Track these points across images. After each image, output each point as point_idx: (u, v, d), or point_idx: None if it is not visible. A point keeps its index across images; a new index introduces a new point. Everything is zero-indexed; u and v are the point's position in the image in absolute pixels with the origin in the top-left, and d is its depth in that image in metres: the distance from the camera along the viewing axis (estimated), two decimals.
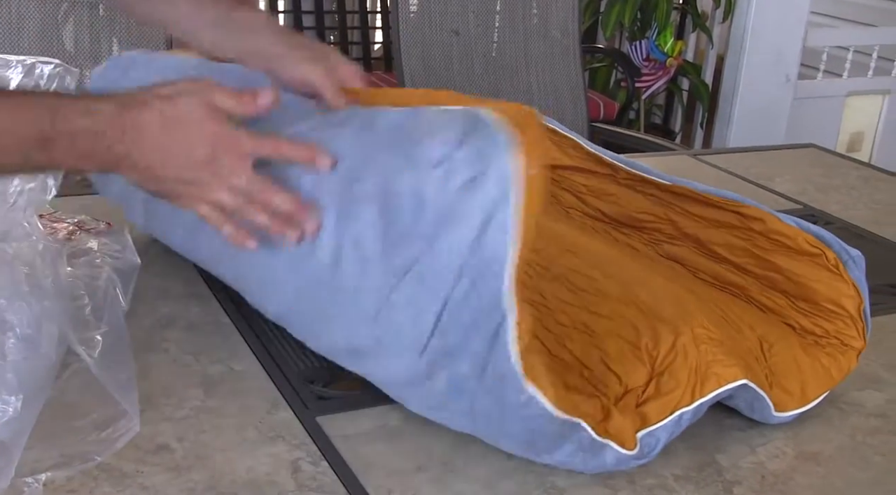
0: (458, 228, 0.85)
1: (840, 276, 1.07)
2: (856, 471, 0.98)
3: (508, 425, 0.91)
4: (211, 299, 1.21)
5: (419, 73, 2.83)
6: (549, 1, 3.00)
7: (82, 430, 0.93)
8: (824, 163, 2.07)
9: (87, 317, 1.03)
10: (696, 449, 0.98)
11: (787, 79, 4.05)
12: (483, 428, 0.94)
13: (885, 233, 1.62)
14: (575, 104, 3.02)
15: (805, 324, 1.09)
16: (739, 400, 1.01)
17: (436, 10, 2.86)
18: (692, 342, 0.99)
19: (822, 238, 1.09)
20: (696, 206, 1.20)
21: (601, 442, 0.90)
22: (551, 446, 0.91)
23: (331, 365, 1.07)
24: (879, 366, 1.17)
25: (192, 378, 1.04)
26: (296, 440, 0.95)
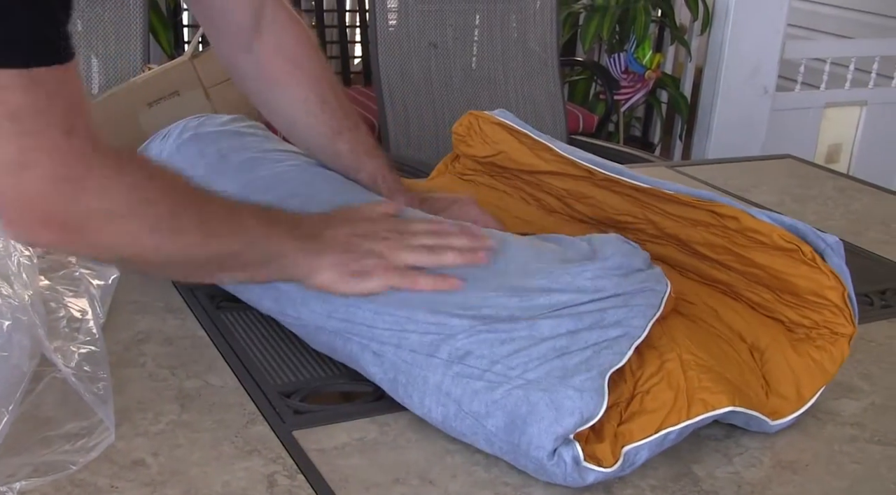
0: None
1: (819, 269, 1.07)
2: (832, 480, 0.98)
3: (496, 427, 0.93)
4: (188, 314, 1.20)
5: (398, 87, 2.84)
6: (528, 14, 3.02)
7: (57, 441, 0.93)
8: (801, 174, 2.08)
9: (63, 329, 1.03)
10: (672, 460, 0.98)
11: (765, 91, 4.07)
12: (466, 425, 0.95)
13: (861, 242, 1.63)
14: (554, 116, 3.03)
15: (793, 316, 1.10)
16: (735, 419, 1.02)
17: (414, 25, 2.87)
18: (679, 367, 0.99)
19: (796, 230, 1.10)
20: (673, 206, 1.21)
21: (585, 466, 0.91)
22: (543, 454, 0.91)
23: (308, 379, 1.08)
24: (855, 375, 1.18)
25: (168, 392, 1.04)
26: (272, 454, 0.95)
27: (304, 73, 1.24)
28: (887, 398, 1.14)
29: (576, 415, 0.91)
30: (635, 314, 1.01)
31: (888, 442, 1.05)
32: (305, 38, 1.25)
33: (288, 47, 1.24)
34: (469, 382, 0.96)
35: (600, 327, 0.99)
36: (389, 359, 1.01)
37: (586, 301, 1.01)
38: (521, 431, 0.92)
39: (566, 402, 0.92)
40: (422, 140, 2.88)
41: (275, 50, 1.23)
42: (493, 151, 1.45)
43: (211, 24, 1.25)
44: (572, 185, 1.35)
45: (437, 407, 0.97)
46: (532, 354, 0.96)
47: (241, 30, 1.21)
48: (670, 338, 1.03)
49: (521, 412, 0.92)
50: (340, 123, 1.26)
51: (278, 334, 1.16)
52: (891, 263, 1.56)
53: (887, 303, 1.40)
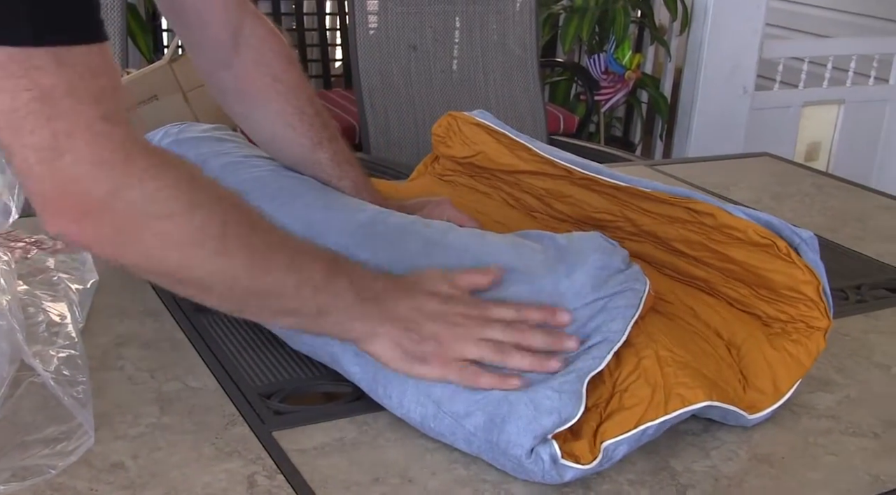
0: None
1: (794, 263, 1.08)
2: (807, 472, 0.99)
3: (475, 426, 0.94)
4: (167, 317, 1.20)
5: (378, 90, 2.85)
6: (508, 16, 3.03)
7: (36, 445, 0.93)
8: (779, 171, 2.10)
9: (41, 333, 1.03)
10: (650, 454, 0.99)
11: (744, 90, 4.09)
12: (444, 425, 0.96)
13: (838, 239, 1.65)
14: (534, 117, 3.04)
15: (769, 311, 1.11)
16: (712, 414, 1.03)
17: (394, 27, 2.88)
18: (656, 364, 1.00)
19: (771, 226, 1.11)
20: (649, 203, 1.22)
21: (563, 464, 0.91)
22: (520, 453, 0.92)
23: (287, 380, 1.08)
24: (830, 369, 1.19)
25: (147, 395, 1.04)
26: (252, 455, 0.95)
27: (283, 86, 1.24)
28: (862, 391, 1.15)
29: (554, 415, 0.92)
30: (614, 317, 1.02)
31: (862, 434, 1.06)
32: (284, 53, 1.25)
33: (266, 62, 1.23)
34: (449, 384, 0.96)
35: (580, 335, 1.01)
36: (370, 359, 1.01)
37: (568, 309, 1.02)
38: (500, 430, 0.92)
39: (545, 402, 0.92)
40: (402, 142, 2.88)
41: (253, 65, 1.23)
42: (473, 152, 1.46)
43: (190, 39, 1.24)
44: (551, 185, 1.36)
45: (417, 407, 0.98)
46: None
47: (219, 46, 1.21)
48: (647, 336, 1.04)
49: (500, 411, 0.93)
50: (319, 134, 1.26)
51: (257, 336, 1.16)
52: (866, 259, 1.58)
53: (862, 298, 1.41)
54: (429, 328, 1.00)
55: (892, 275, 1.51)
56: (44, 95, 0.77)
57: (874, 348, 1.25)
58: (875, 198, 1.93)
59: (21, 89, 0.77)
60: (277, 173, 1.25)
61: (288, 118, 1.25)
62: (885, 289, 1.45)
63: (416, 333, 0.99)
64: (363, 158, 2.77)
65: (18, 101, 0.77)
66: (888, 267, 1.54)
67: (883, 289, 1.46)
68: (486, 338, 1.00)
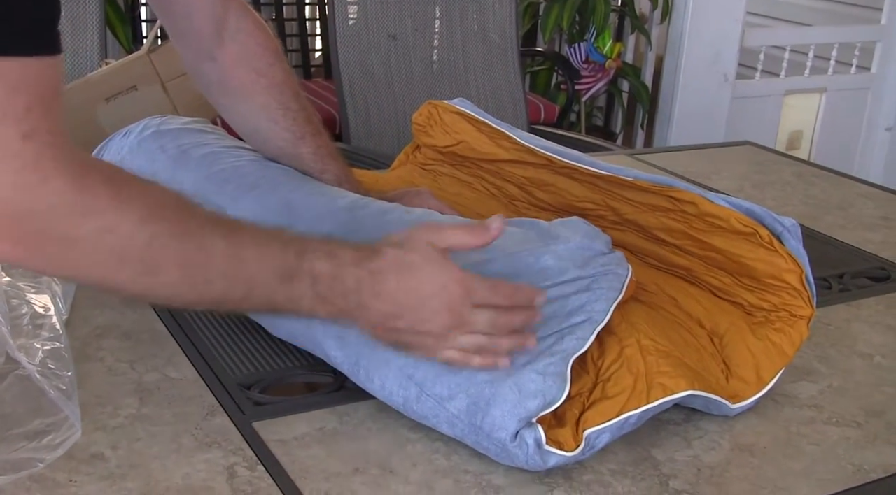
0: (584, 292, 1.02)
1: (776, 252, 1.08)
2: (789, 462, 0.99)
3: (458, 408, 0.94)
4: (146, 307, 1.20)
5: (358, 80, 2.84)
6: (488, 5, 3.02)
7: (23, 438, 0.92)
8: (760, 160, 2.10)
9: (25, 326, 1.02)
10: (632, 444, 0.99)
11: (725, 79, 4.09)
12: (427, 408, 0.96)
13: (818, 227, 1.65)
14: (515, 107, 3.03)
15: (752, 299, 1.11)
16: (695, 403, 1.02)
17: (373, 17, 2.86)
18: (638, 353, 1.00)
19: (753, 214, 1.11)
20: (631, 192, 1.22)
21: (546, 450, 0.91)
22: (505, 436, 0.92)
23: (267, 370, 1.07)
24: (813, 358, 1.19)
25: (127, 386, 1.03)
26: (232, 446, 0.94)
27: (267, 80, 1.23)
28: (844, 380, 1.15)
29: (538, 398, 0.91)
30: (598, 297, 1.02)
31: (845, 424, 1.06)
32: (270, 47, 1.24)
33: (251, 56, 1.23)
34: (432, 365, 0.96)
35: (564, 313, 1.00)
36: (352, 343, 1.01)
37: (549, 285, 1.01)
38: (484, 413, 0.92)
39: (529, 385, 0.92)
40: (382, 132, 2.87)
41: (238, 58, 1.22)
42: (454, 141, 1.45)
43: (175, 30, 1.23)
44: (533, 173, 1.35)
45: (399, 390, 0.97)
46: None
47: (203, 37, 1.20)
48: (630, 324, 1.03)
49: (484, 394, 0.93)
50: (303, 129, 1.25)
51: (237, 326, 1.15)
52: (848, 247, 1.58)
53: (845, 287, 1.41)
54: (404, 339, 0.95)
55: (874, 264, 1.51)
56: None
57: (857, 337, 1.25)
58: (857, 187, 1.93)
59: None
60: (258, 163, 1.24)
61: (271, 113, 1.24)
62: (867, 278, 1.46)
63: (394, 334, 0.95)
64: (344, 148, 2.76)
65: None
66: (870, 255, 1.55)
67: (865, 277, 1.46)
68: (467, 343, 0.95)
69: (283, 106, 1.24)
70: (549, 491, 0.92)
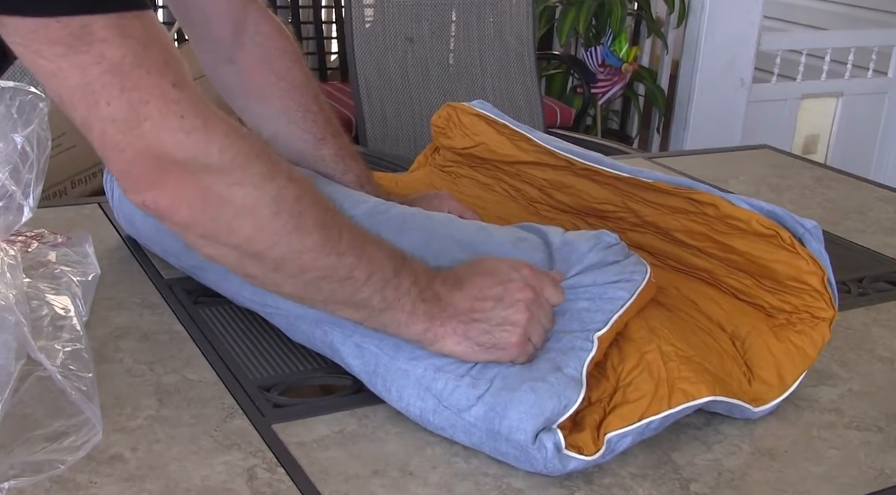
0: None
1: (798, 253, 1.08)
2: (810, 465, 0.98)
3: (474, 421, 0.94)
4: (165, 309, 1.20)
5: (374, 82, 2.84)
6: (504, 9, 3.02)
7: (44, 440, 0.92)
8: (778, 163, 2.09)
9: (46, 327, 1.02)
10: (652, 448, 0.99)
11: (741, 82, 4.08)
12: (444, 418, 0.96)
13: (837, 231, 1.64)
14: (531, 110, 3.03)
15: (773, 302, 1.10)
16: (717, 407, 1.02)
17: (390, 20, 2.87)
18: (659, 358, 0.99)
19: (774, 216, 1.10)
20: (651, 194, 1.21)
21: (566, 454, 0.91)
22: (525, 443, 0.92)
23: (286, 372, 1.07)
24: (833, 362, 1.18)
25: (146, 388, 1.03)
26: (251, 448, 0.94)
27: (287, 83, 1.24)
28: (864, 384, 1.14)
29: (554, 399, 0.91)
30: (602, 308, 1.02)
31: (865, 428, 1.05)
32: (290, 50, 1.24)
33: (271, 59, 1.23)
34: (451, 378, 0.96)
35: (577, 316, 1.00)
36: (371, 352, 1.01)
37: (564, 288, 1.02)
38: (502, 416, 0.92)
39: (544, 387, 0.92)
40: (399, 135, 2.87)
41: (257, 62, 1.22)
42: (473, 143, 1.45)
43: (194, 34, 1.23)
44: (552, 175, 1.35)
45: (417, 401, 0.97)
46: None
47: (222, 41, 1.20)
48: (650, 330, 1.03)
49: (501, 400, 0.93)
50: (323, 131, 1.26)
51: (257, 328, 1.15)
52: (867, 251, 1.57)
53: (864, 291, 1.40)
54: (496, 313, 0.98)
55: (893, 268, 1.50)
56: (113, 67, 0.78)
57: (877, 341, 1.25)
58: (875, 191, 1.92)
59: (90, 64, 0.77)
60: None
61: (291, 115, 1.24)
62: (886, 282, 1.45)
63: (482, 323, 0.98)
64: (360, 151, 2.77)
65: (90, 76, 0.78)
66: (889, 260, 1.54)
67: (884, 281, 1.45)
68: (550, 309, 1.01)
69: (304, 107, 1.24)
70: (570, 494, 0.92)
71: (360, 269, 0.92)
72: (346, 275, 0.92)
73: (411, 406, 0.98)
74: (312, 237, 0.89)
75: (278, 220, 0.87)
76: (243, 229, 0.86)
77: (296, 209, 0.88)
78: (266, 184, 0.86)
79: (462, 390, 0.95)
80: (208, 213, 0.85)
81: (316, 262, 0.90)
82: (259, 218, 0.86)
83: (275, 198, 0.86)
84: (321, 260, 0.90)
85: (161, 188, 0.83)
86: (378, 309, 0.95)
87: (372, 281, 0.93)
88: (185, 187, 0.83)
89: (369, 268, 0.93)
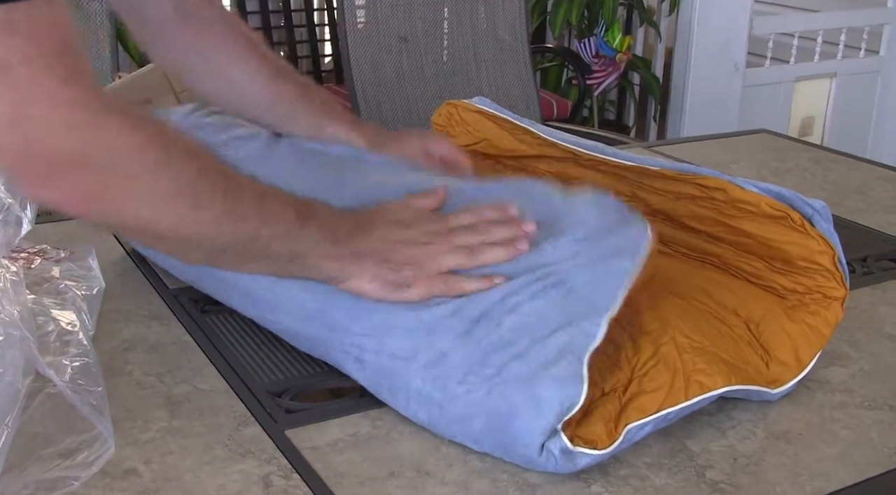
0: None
1: (808, 234, 1.07)
2: (825, 447, 0.98)
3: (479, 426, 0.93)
4: (172, 320, 1.20)
5: (370, 83, 2.84)
6: (496, 4, 3.02)
7: (56, 457, 0.92)
8: (776, 147, 2.09)
9: (53, 343, 1.02)
10: (666, 436, 0.98)
11: (735, 67, 4.08)
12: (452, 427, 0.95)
13: (839, 211, 1.64)
14: (527, 104, 3.03)
15: (785, 283, 1.10)
16: (735, 394, 1.02)
17: (383, 20, 2.87)
18: (675, 350, 0.99)
19: (782, 197, 1.10)
20: (658, 181, 1.21)
21: (575, 453, 0.91)
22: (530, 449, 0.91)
23: (296, 377, 1.07)
24: (843, 343, 1.18)
25: (156, 399, 1.03)
26: (266, 455, 0.94)
27: (234, 32, 1.23)
28: (874, 363, 1.14)
29: (555, 406, 0.90)
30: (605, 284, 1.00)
31: (877, 407, 1.05)
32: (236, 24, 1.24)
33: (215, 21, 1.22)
34: (448, 386, 0.95)
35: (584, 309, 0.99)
36: (371, 365, 1.00)
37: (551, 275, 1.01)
38: (506, 430, 0.91)
39: (545, 394, 0.91)
40: None
41: (205, 25, 1.21)
42: (476, 139, 1.45)
43: (135, 17, 1.22)
44: (558, 167, 1.35)
45: (422, 409, 0.97)
46: (508, 351, 0.95)
47: (164, 18, 1.19)
48: (662, 322, 1.03)
49: (501, 411, 0.92)
50: (277, 63, 1.24)
51: (264, 335, 1.15)
52: (870, 231, 1.57)
53: (869, 270, 1.40)
54: (402, 253, 1.02)
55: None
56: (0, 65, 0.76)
57: (884, 320, 1.25)
58: (874, 170, 1.92)
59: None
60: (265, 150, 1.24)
61: (241, 53, 1.23)
62: (889, 261, 1.45)
63: (391, 262, 1.02)
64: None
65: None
66: (892, 237, 1.54)
67: (888, 260, 1.45)
68: (456, 246, 1.03)
69: (251, 44, 1.23)
70: (587, 487, 0.92)
71: (265, 228, 0.95)
72: (253, 236, 0.95)
73: (419, 414, 0.98)
74: (213, 210, 0.90)
75: (177, 203, 0.88)
76: (142, 216, 0.87)
77: (193, 188, 0.89)
78: (162, 171, 0.86)
79: (461, 398, 0.94)
80: (103, 205, 0.86)
81: (220, 231, 0.93)
82: (157, 204, 0.87)
83: (171, 182, 0.87)
84: (225, 228, 0.93)
85: (51, 185, 0.83)
86: (287, 259, 0.99)
87: (278, 236, 0.96)
88: (77, 184, 0.83)
89: (274, 224, 0.96)
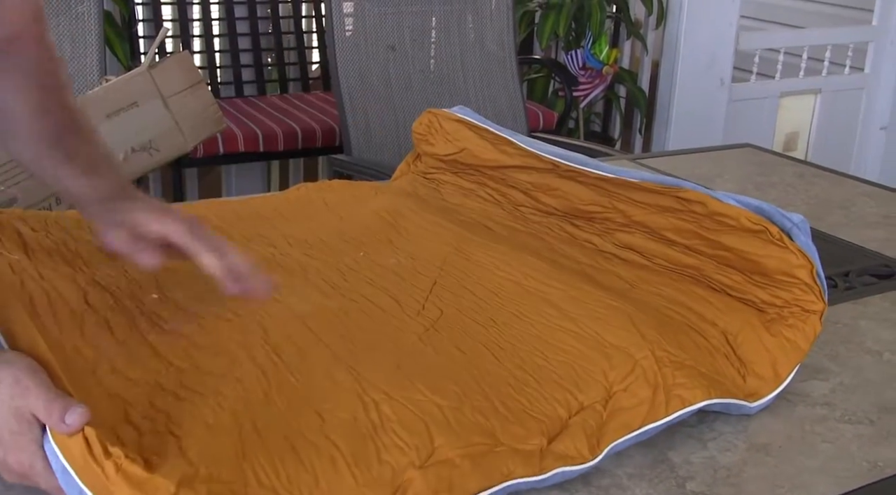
0: None
1: (786, 248, 1.09)
2: (804, 459, 0.99)
3: None
4: None
5: (357, 91, 2.85)
6: (484, 14, 3.03)
7: None
8: (761, 161, 2.10)
9: None
10: (647, 448, 0.99)
11: (721, 82, 4.10)
12: None
13: (822, 226, 1.65)
14: (514, 115, 3.05)
15: (764, 296, 1.11)
16: (714, 407, 1.03)
17: (371, 29, 2.88)
18: (654, 364, 1.00)
19: (762, 211, 1.12)
20: (638, 193, 1.22)
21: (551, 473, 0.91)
22: None
23: None
24: (823, 357, 1.19)
25: None
26: None
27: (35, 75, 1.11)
28: (854, 377, 1.15)
29: None
30: None
31: (857, 421, 1.06)
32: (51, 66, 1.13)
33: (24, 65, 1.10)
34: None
35: None
36: None
37: None
38: None
39: None
40: (383, 143, 2.88)
41: None
42: (456, 149, 1.45)
43: None
44: (537, 178, 1.35)
45: None
46: None
47: None
48: (640, 336, 1.03)
49: None
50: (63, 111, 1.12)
51: None
52: (852, 245, 1.58)
53: (851, 285, 1.42)
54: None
55: (878, 261, 1.52)
56: None
57: (866, 334, 1.26)
58: (857, 186, 1.94)
59: None
60: None
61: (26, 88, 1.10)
62: (871, 276, 1.46)
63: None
64: (344, 160, 2.78)
65: None
66: (874, 253, 1.55)
67: (869, 275, 1.46)
68: None
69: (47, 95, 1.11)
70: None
71: None
72: None
73: None
74: None
75: None
76: None
77: None
78: None
79: None
80: None
81: None
82: None
83: None
84: None
85: None
86: None
87: None
88: None
89: None
